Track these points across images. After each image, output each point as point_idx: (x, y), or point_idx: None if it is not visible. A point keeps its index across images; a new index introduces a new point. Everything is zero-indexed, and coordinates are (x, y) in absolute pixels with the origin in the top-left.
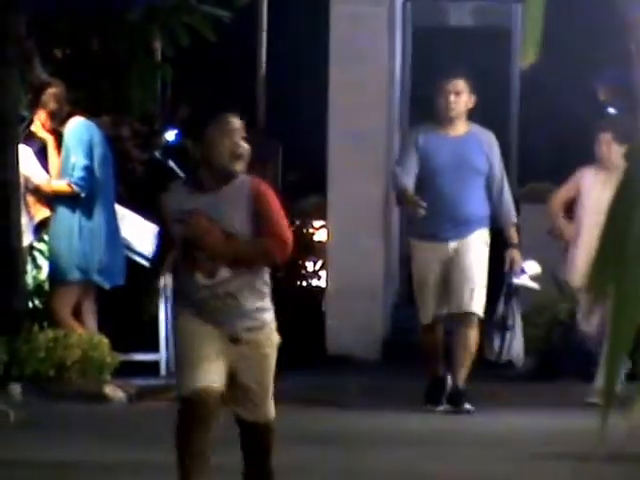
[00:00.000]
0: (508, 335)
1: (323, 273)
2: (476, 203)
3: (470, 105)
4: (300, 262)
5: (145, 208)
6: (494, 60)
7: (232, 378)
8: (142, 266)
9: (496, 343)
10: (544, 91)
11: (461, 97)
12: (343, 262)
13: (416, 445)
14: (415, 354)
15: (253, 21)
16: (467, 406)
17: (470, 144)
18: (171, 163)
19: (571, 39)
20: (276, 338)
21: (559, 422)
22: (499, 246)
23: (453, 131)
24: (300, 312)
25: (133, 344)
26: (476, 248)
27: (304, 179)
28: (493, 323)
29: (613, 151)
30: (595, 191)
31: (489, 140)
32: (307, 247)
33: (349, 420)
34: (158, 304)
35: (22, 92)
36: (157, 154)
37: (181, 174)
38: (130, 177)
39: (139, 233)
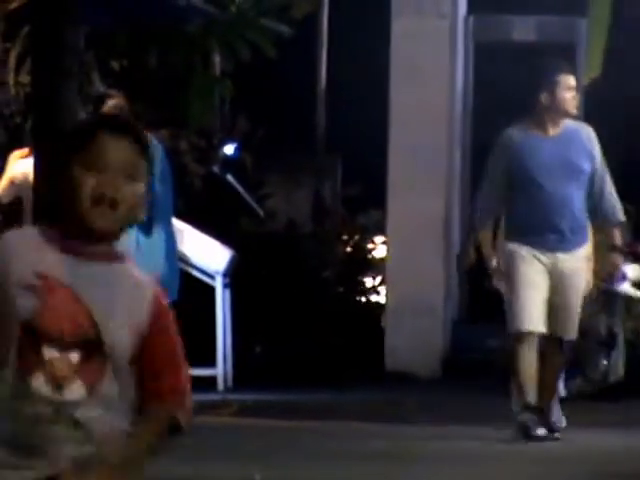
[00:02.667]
0: (614, 353)
1: (382, 289)
2: (580, 209)
3: None
4: (359, 278)
5: (203, 222)
6: None
7: None
8: (200, 280)
9: (601, 363)
10: (609, 106)
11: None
12: (403, 278)
13: (477, 463)
14: (475, 371)
15: (314, 36)
16: (555, 432)
17: (571, 142)
18: (229, 177)
19: (636, 54)
20: None
21: (623, 441)
22: None
23: (553, 129)
24: (359, 328)
25: (190, 359)
26: (582, 269)
27: (363, 194)
28: (596, 340)
29: None
30: None
31: (589, 134)
32: (366, 263)
33: (409, 437)
34: None
35: (80, 105)
36: (215, 168)
37: (239, 189)
38: (188, 191)
39: (197, 247)
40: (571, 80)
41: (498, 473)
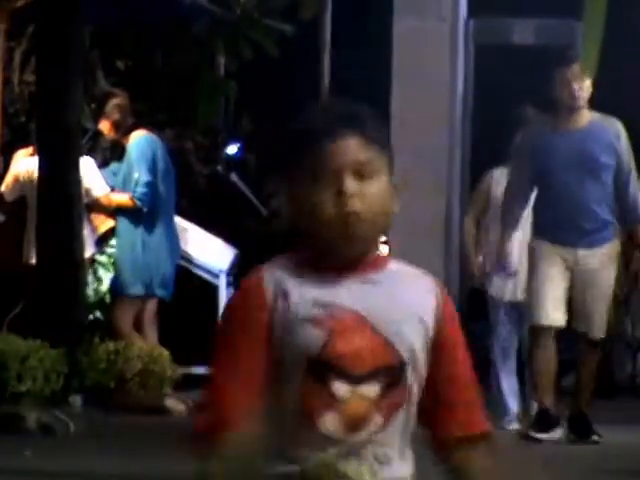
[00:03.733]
0: None
1: None
2: (604, 204)
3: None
4: None
5: (207, 221)
6: None
7: None
8: (203, 279)
9: (628, 365)
10: (607, 109)
11: (584, 83)
12: None
13: None
14: (474, 369)
15: (316, 36)
16: (594, 437)
17: (594, 136)
18: (233, 177)
19: (632, 53)
20: None
21: (619, 437)
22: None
23: (574, 123)
24: None
25: (192, 358)
26: (606, 266)
27: None
28: (622, 342)
29: None
30: None
31: (615, 129)
32: None
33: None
34: None
35: (85, 104)
36: (219, 168)
37: (244, 189)
38: (193, 190)
39: (201, 246)
40: (572, 72)
41: (497, 470)
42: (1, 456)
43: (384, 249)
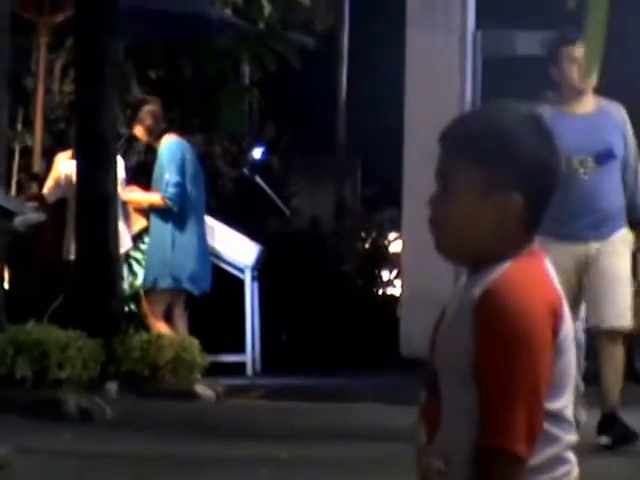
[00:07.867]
0: None
1: (397, 282)
2: (615, 193)
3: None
4: (377, 272)
5: (234, 220)
6: None
7: None
8: (230, 274)
9: (637, 362)
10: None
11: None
12: (416, 271)
13: None
14: None
15: (335, 50)
16: (604, 439)
17: (603, 122)
18: (258, 179)
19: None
20: None
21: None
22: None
23: (581, 108)
24: (377, 318)
25: (221, 346)
26: (621, 252)
27: (381, 194)
28: (630, 338)
29: None
30: None
31: (622, 115)
32: (383, 258)
33: None
34: None
35: (120, 111)
36: (245, 171)
37: (267, 189)
38: (220, 192)
39: (228, 243)
40: (575, 51)
41: None
42: (43, 438)
43: (397, 244)
